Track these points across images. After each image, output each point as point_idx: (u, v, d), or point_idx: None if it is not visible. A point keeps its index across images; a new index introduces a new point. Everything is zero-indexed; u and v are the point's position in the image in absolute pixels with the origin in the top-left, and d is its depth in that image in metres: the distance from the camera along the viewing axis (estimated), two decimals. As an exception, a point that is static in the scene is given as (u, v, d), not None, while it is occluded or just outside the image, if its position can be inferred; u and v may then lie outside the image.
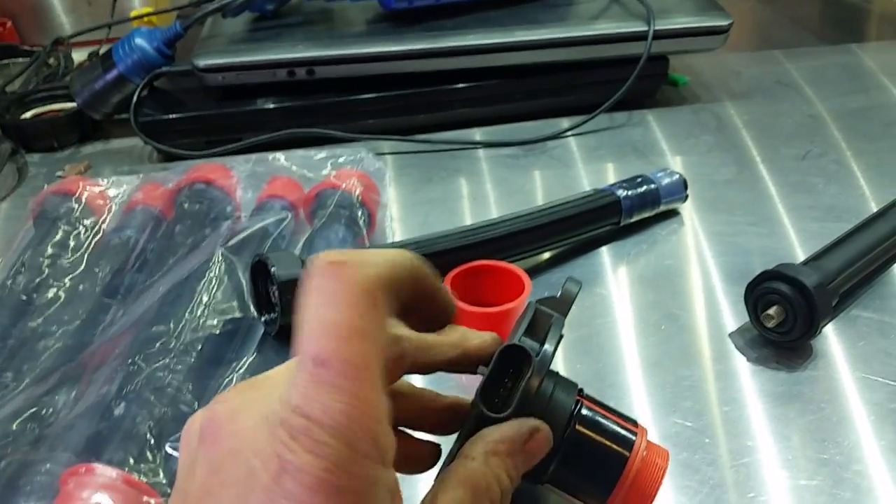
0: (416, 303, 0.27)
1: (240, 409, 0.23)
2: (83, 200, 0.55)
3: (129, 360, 0.40)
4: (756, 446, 0.41)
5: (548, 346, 0.32)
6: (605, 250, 0.56)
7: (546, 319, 0.34)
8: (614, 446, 0.33)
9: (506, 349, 0.31)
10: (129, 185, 0.58)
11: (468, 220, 0.60)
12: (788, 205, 0.61)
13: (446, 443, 0.31)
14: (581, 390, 0.35)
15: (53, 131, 0.74)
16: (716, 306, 0.51)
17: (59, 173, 0.70)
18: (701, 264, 0.55)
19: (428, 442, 0.32)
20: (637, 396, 0.44)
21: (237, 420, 0.23)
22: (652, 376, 0.46)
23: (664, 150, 0.70)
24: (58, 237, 0.52)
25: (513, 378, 0.32)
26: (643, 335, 0.49)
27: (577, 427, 0.33)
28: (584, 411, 0.34)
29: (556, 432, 0.33)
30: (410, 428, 0.31)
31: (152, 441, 0.35)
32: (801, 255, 0.55)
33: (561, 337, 0.33)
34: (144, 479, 0.34)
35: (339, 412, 0.21)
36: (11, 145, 0.72)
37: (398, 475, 0.23)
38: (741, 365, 0.46)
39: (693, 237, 0.58)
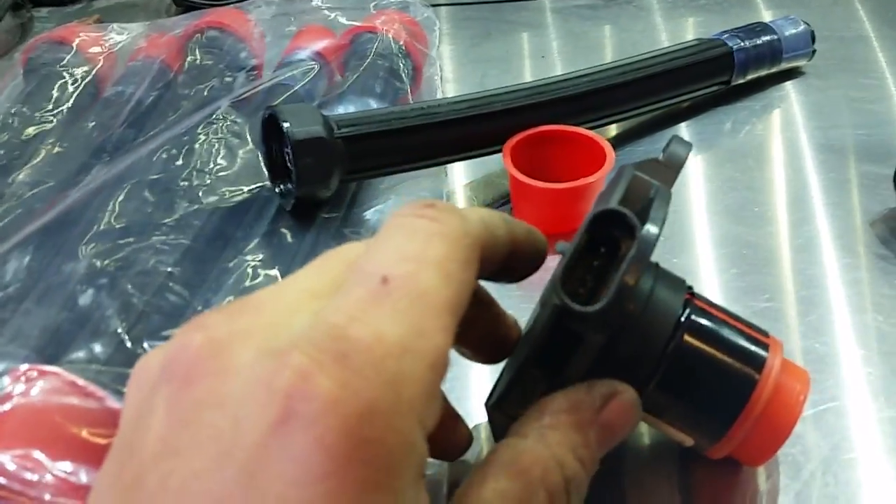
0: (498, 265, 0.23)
1: (228, 341, 0.17)
2: (76, 48, 0.46)
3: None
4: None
5: (650, 226, 0.22)
6: (705, 117, 0.46)
7: (645, 189, 0.25)
8: (738, 364, 0.24)
9: (598, 216, 0.21)
10: (132, 33, 0.49)
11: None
12: (941, 65, 0.49)
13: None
14: (691, 288, 0.26)
15: (62, -19, 0.65)
16: (850, 187, 0.40)
17: (67, 28, 0.61)
18: (836, 136, 0.44)
19: (463, 426, 0.26)
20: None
21: (224, 354, 0.16)
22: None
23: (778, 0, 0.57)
24: (44, 91, 0.43)
25: (598, 263, 0.23)
26: (752, 225, 0.39)
27: (687, 338, 0.24)
28: (697, 316, 0.25)
29: (657, 343, 0.24)
30: (464, 345, 0.25)
31: (127, 340, 0.27)
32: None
33: (666, 214, 0.24)
34: (116, 388, 0.26)
35: (395, 342, 0.16)
36: (15, -4, 0.64)
37: None
38: (882, 259, 0.36)
39: (819, 103, 0.46)
